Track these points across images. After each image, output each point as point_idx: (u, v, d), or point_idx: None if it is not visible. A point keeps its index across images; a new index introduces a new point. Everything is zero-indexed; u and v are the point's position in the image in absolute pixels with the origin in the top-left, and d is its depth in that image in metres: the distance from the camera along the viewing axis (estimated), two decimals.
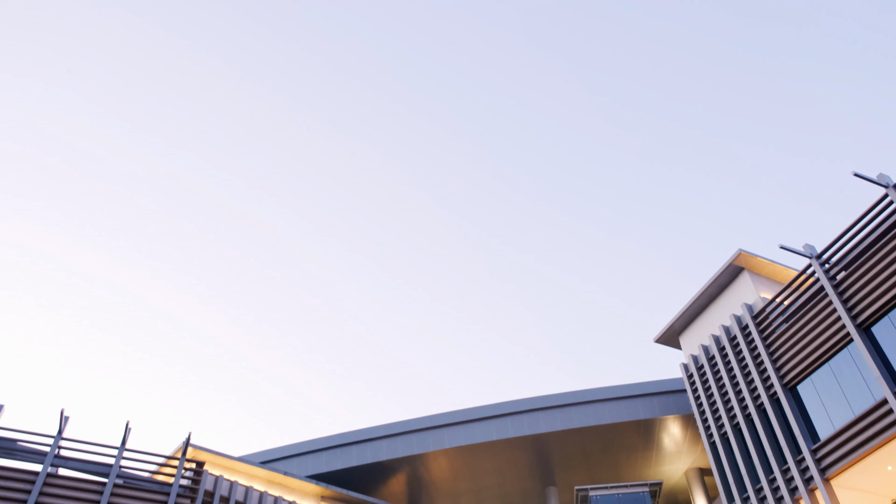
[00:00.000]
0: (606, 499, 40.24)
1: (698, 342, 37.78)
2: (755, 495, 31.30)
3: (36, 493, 27.28)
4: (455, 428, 44.29)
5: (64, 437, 29.49)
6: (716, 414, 35.00)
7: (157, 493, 29.60)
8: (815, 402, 29.83)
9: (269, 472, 38.88)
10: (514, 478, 47.10)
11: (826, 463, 27.99)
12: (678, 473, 46.99)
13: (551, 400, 44.24)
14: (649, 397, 43.26)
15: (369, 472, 44.78)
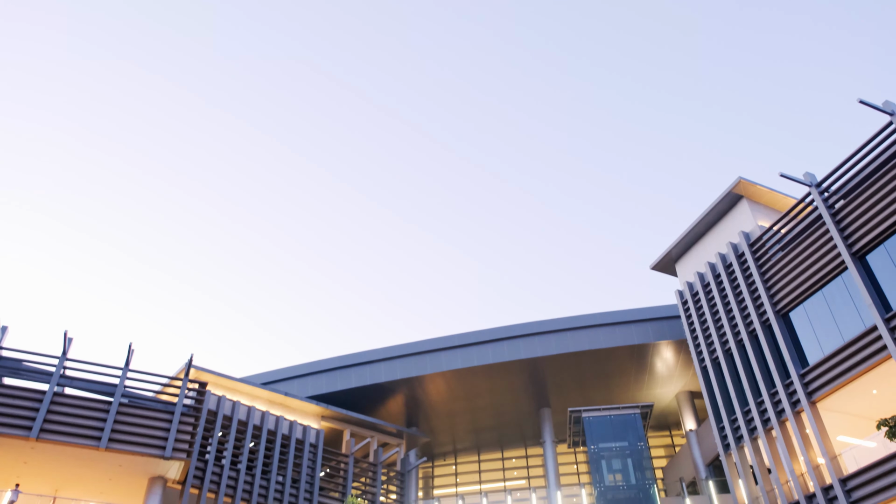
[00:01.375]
0: (599, 420, 41.42)
1: (694, 269, 38.09)
2: (743, 417, 32.26)
3: (43, 412, 28.00)
4: (452, 351, 45.12)
5: (68, 357, 30.06)
6: (708, 339, 35.66)
7: (161, 412, 30.39)
8: (806, 328, 30.36)
9: (271, 392, 39.87)
10: (510, 399, 48.34)
11: (813, 387, 28.74)
12: (669, 396, 48.22)
13: (547, 325, 44.92)
14: (643, 323, 43.92)
15: (368, 394, 45.92)
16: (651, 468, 39.98)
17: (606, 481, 39.06)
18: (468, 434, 52.14)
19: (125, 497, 31.07)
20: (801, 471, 29.01)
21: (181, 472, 30.95)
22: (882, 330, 25.81)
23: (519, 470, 53.39)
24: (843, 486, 26.50)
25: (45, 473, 29.72)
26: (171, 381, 33.00)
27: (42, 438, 27.58)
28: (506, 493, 41.40)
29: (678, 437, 52.56)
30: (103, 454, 28.64)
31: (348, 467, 39.26)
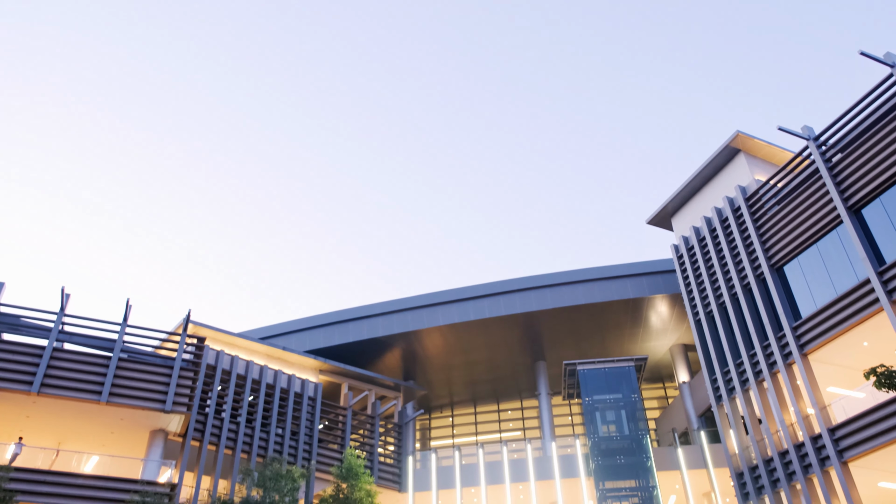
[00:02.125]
0: (593, 372, 41.97)
1: (690, 224, 38.16)
2: (735, 369, 32.75)
3: (44, 367, 28.29)
4: (449, 306, 45.39)
5: (66, 313, 30.21)
6: (703, 293, 35.94)
7: (160, 366, 30.73)
8: (799, 282, 30.59)
9: (269, 347, 40.24)
10: (506, 353, 48.87)
11: (805, 339, 29.11)
12: (663, 349, 48.81)
13: (543, 279, 45.13)
14: (638, 277, 44.14)
15: (366, 348, 46.34)
16: (644, 419, 40.71)
17: (600, 432, 39.81)
18: (464, 387, 52.87)
19: (127, 449, 31.62)
20: (791, 421, 29.58)
21: (182, 425, 31.45)
22: (875, 283, 26.03)
23: (514, 422, 54.32)
24: (831, 435, 27.06)
25: (47, 427, 30.18)
26: (170, 336, 33.24)
27: (43, 393, 27.93)
28: (501, 445, 42.17)
29: (671, 389, 53.40)
30: (104, 408, 29.05)
31: (346, 420, 39.89)
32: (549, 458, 40.32)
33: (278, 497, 26.98)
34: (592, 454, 38.92)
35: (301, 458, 35.98)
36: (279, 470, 27.75)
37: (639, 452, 38.72)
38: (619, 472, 38.42)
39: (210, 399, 34.08)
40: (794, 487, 28.96)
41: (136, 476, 29.35)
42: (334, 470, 31.11)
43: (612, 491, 37.97)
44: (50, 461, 29.80)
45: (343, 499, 29.45)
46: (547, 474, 39.65)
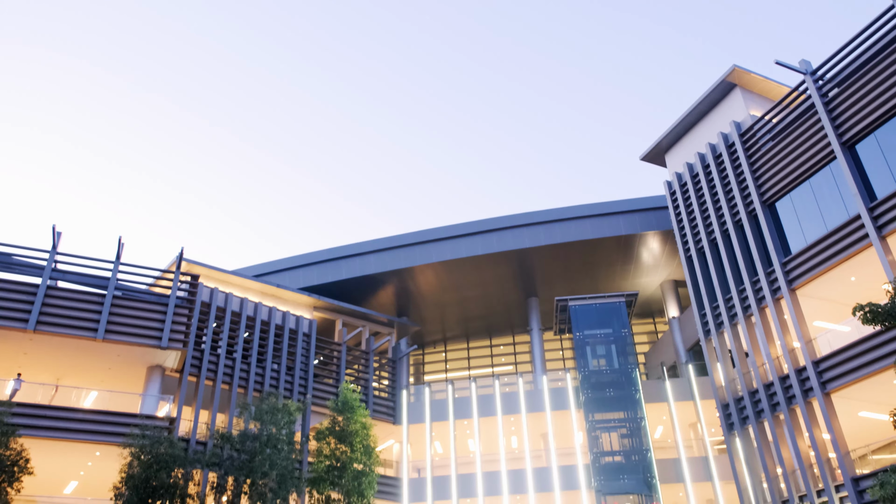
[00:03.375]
0: (584, 308, 42.47)
1: (684, 160, 38.02)
2: (724, 304, 33.23)
3: (39, 304, 28.40)
4: (442, 243, 45.48)
5: (59, 251, 30.14)
6: (694, 229, 36.11)
7: (155, 304, 30.90)
8: (791, 218, 30.75)
9: (263, 284, 40.42)
10: (498, 290, 49.29)
11: (794, 275, 29.47)
12: (653, 285, 49.33)
13: (535, 216, 45.13)
14: (631, 214, 44.18)
15: (360, 285, 46.62)
16: (634, 353, 41.46)
17: (591, 366, 40.57)
18: (457, 323, 53.52)
19: (125, 385, 32.12)
20: (777, 354, 30.23)
21: (178, 361, 31.88)
22: (865, 219, 26.20)
23: (506, 356, 55.28)
24: (815, 367, 27.71)
25: (45, 363, 30.54)
26: (164, 273, 33.32)
27: (39, 330, 28.14)
28: (494, 379, 43.01)
29: (661, 324, 54.25)
30: (101, 345, 29.34)
31: (341, 355, 40.48)
32: (540, 392, 41.22)
33: (275, 430, 27.57)
34: (582, 387, 39.80)
35: (297, 393, 36.66)
36: (276, 404, 28.27)
37: (628, 385, 39.59)
38: (608, 405, 39.37)
39: (205, 335, 34.43)
40: (777, 418, 29.83)
41: (136, 410, 29.91)
42: (330, 403, 31.74)
43: (602, 422, 38.99)
44: (49, 396, 30.28)
45: (339, 431, 30.13)
46: (538, 407, 40.61)
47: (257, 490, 26.14)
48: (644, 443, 37.86)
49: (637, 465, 37.42)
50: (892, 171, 26.26)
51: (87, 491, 31.68)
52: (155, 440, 25.32)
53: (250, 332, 36.74)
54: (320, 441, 30.25)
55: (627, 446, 38.29)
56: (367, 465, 29.79)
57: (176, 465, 25.38)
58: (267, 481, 26.33)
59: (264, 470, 26.04)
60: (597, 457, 37.81)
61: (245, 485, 26.42)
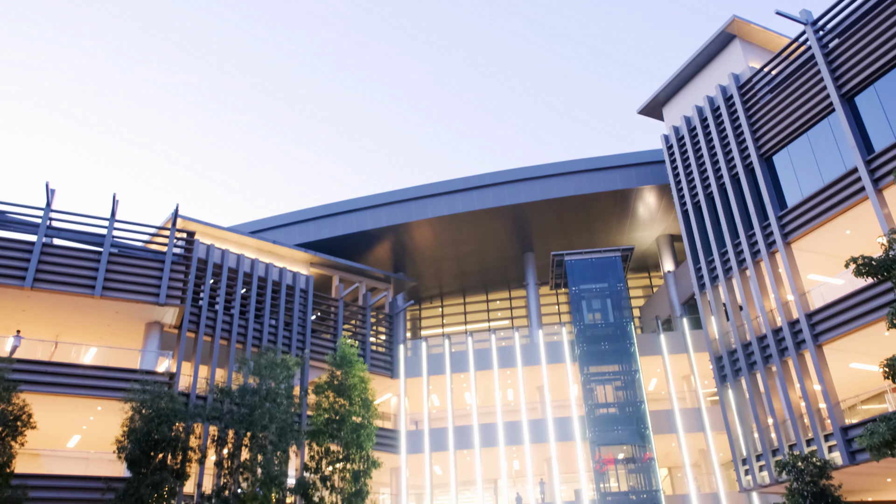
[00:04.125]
0: (580, 263, 42.61)
1: (681, 113, 37.71)
2: (719, 258, 33.38)
3: (35, 262, 28.38)
4: (438, 198, 45.35)
5: (53, 209, 29.99)
6: (691, 183, 36.03)
7: (151, 260, 30.89)
8: (787, 172, 30.68)
9: (259, 241, 40.38)
10: (494, 245, 49.37)
11: (789, 228, 29.55)
12: (649, 240, 49.45)
13: (532, 171, 44.93)
14: (627, 168, 44.02)
15: (356, 241, 46.62)
16: (629, 307, 41.77)
17: (586, 320, 40.90)
18: (454, 278, 53.73)
19: (124, 341, 32.33)
20: (771, 307, 30.51)
21: (177, 317, 32.04)
22: (862, 172, 26.17)
23: (503, 311, 55.67)
24: (808, 320, 28.00)
25: (44, 320, 30.68)
26: (159, 230, 33.25)
27: (37, 287, 28.18)
28: (490, 333, 43.40)
29: (656, 278, 54.55)
30: (99, 302, 29.44)
31: (338, 311, 40.73)
32: (535, 345, 41.66)
33: (274, 384, 27.91)
34: (578, 341, 40.21)
35: (295, 348, 36.99)
36: (274, 359, 28.54)
37: (622, 339, 40.01)
38: (603, 358, 39.85)
39: (203, 292, 34.53)
40: (769, 369, 30.26)
41: (135, 366, 30.18)
42: (328, 358, 32.06)
43: (596, 375, 39.53)
44: (49, 353, 30.50)
45: (337, 385, 30.51)
46: (534, 360, 41.09)
47: (258, 443, 26.59)
48: (638, 395, 38.46)
49: (631, 416, 38.07)
50: (890, 123, 26.12)
51: (89, 444, 32.18)
52: (155, 395, 25.63)
53: (247, 289, 36.86)
54: (319, 395, 30.66)
55: (622, 398, 38.90)
56: (366, 417, 30.26)
57: (177, 418, 25.75)
58: (267, 434, 26.77)
59: (264, 423, 26.45)
60: (591, 409, 38.43)
61: (245, 438, 26.87)
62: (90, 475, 28.03)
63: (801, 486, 24.05)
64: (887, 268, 16.72)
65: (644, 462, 36.80)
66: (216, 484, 27.50)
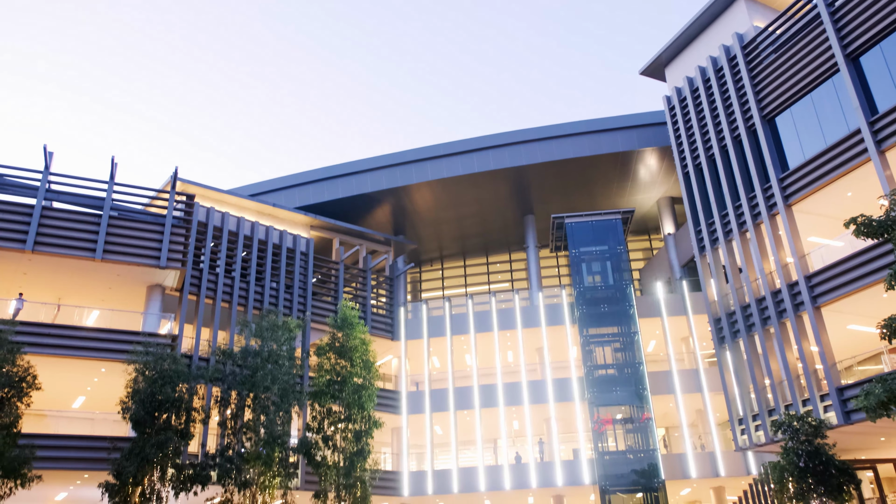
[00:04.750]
0: (580, 225, 42.59)
1: (684, 74, 37.28)
2: (720, 220, 33.35)
3: (35, 225, 28.38)
4: (438, 161, 45.16)
5: (52, 171, 29.87)
6: (693, 145, 35.81)
7: (151, 223, 30.90)
8: (790, 133, 30.46)
9: (259, 204, 40.33)
10: (494, 207, 49.30)
11: (791, 190, 29.46)
12: (650, 202, 49.35)
13: (532, 133, 44.65)
14: (629, 130, 43.74)
15: (356, 203, 46.57)
16: (629, 270, 41.89)
17: (586, 282, 41.04)
18: (454, 241, 53.77)
19: (126, 304, 32.52)
20: (770, 269, 30.59)
21: (178, 280, 32.17)
22: (865, 133, 26.00)
23: (503, 274, 55.84)
24: (807, 282, 28.10)
25: (45, 283, 30.82)
26: (159, 193, 33.17)
27: (38, 251, 28.25)
28: (490, 296, 43.58)
29: (657, 240, 54.58)
30: (100, 265, 29.53)
31: (339, 274, 40.84)
32: (535, 308, 41.87)
33: (276, 346, 28.14)
34: (577, 303, 40.40)
35: (296, 311, 37.20)
36: (276, 321, 28.72)
37: (622, 301, 40.21)
38: (602, 320, 40.11)
39: (203, 255, 34.60)
40: (767, 331, 30.47)
41: (138, 328, 30.38)
42: (329, 320, 32.25)
43: (596, 337, 39.83)
44: (52, 315, 30.69)
45: (339, 347, 30.77)
46: (533, 322, 41.34)
47: (260, 403, 26.93)
48: (637, 356, 38.80)
49: (629, 377, 38.47)
50: (895, 83, 25.84)
51: (94, 405, 32.59)
52: (158, 356, 25.87)
53: (248, 252, 36.92)
54: (320, 356, 30.94)
55: (620, 360, 39.26)
56: (367, 379, 30.58)
57: (180, 380, 26.03)
58: (269, 395, 27.08)
59: (266, 384, 26.74)
60: (590, 370, 38.81)
61: (248, 399, 27.19)
62: (96, 435, 28.44)
63: (796, 445, 24.43)
64: (887, 228, 16.71)
65: (642, 422, 37.30)
66: (220, 444, 27.93)
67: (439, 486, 38.66)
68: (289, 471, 27.64)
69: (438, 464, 40.36)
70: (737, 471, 36.20)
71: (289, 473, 27.62)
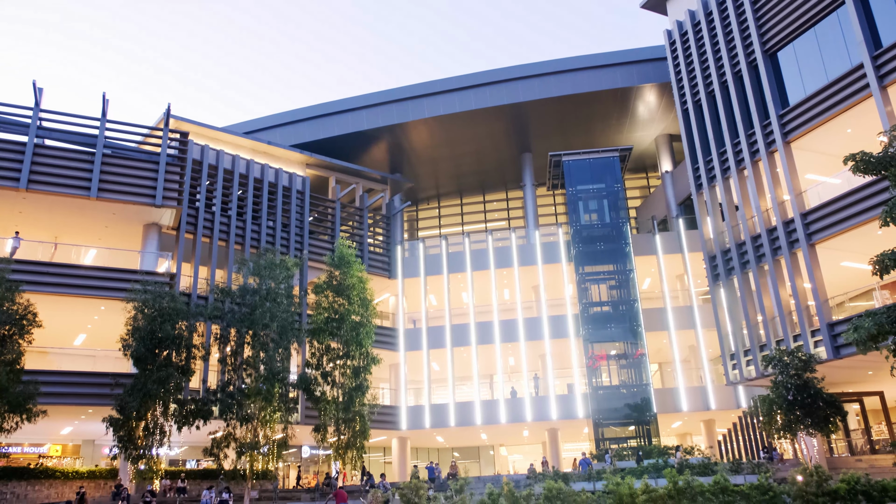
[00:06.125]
0: (578, 163, 42.32)
1: (686, 7, 36.42)
2: (718, 158, 33.16)
3: (28, 163, 28.16)
4: (435, 98, 44.54)
5: (42, 108, 29.43)
6: (693, 81, 35.29)
7: (146, 161, 30.65)
8: (792, 69, 29.98)
9: (254, 141, 39.93)
10: (492, 145, 48.89)
11: (790, 126, 29.20)
12: (648, 140, 48.94)
13: (530, 69, 43.91)
14: (628, 66, 43.02)
15: (352, 141, 46.12)
16: (626, 208, 41.93)
17: (582, 220, 41.06)
18: (451, 179, 53.51)
19: (123, 243, 32.54)
20: (767, 207, 30.59)
21: (174, 218, 32.13)
22: (868, 67, 25.62)
23: (499, 212, 55.79)
24: (803, 219, 28.16)
25: (42, 222, 30.77)
26: (152, 130, 32.78)
27: (32, 189, 28.11)
28: (487, 234, 43.63)
29: (654, 178, 54.36)
30: (95, 203, 29.43)
31: (335, 212, 40.76)
32: (532, 246, 42.02)
33: (274, 284, 28.31)
34: (574, 241, 40.53)
35: (293, 249, 37.26)
36: (273, 260, 28.81)
37: (618, 239, 40.34)
38: (598, 258, 40.33)
39: (199, 193, 34.42)
40: (762, 268, 30.71)
41: (135, 267, 30.48)
42: (327, 259, 32.37)
43: (591, 274, 40.12)
44: (49, 254, 30.75)
45: (336, 285, 30.98)
46: (530, 260, 41.56)
47: (259, 341, 27.28)
48: (632, 294, 39.18)
49: (624, 314, 38.94)
50: None
51: (95, 342, 33.00)
52: (157, 295, 26.08)
53: (243, 190, 36.73)
54: (318, 295, 31.19)
55: (615, 297, 39.65)
56: (365, 316, 30.91)
57: (179, 317, 26.31)
58: (268, 332, 27.41)
59: (265, 322, 27.03)
60: (586, 307, 39.23)
61: (247, 336, 27.53)
62: (98, 371, 28.91)
63: (786, 378, 24.97)
64: (886, 164, 16.65)
65: (636, 358, 37.95)
66: (221, 380, 28.43)
67: (437, 420, 39.59)
68: (289, 406, 28.24)
69: (436, 399, 41.21)
70: (727, 404, 37.07)
71: (289, 408, 28.22)
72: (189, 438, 32.55)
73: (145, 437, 25.40)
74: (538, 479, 27.08)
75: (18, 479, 27.45)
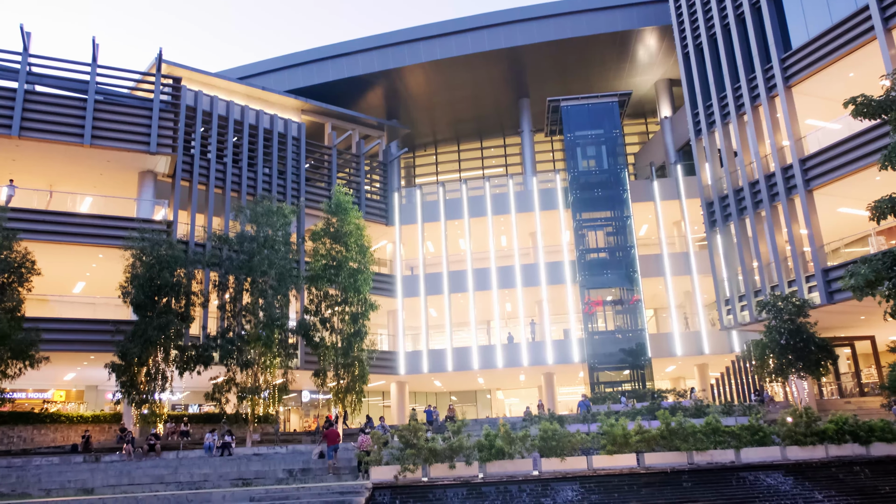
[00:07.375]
0: (576, 109, 41.83)
1: None
2: (718, 103, 32.82)
3: (19, 109, 27.78)
4: (431, 41, 43.73)
5: (31, 53, 28.86)
6: (694, 23, 34.65)
7: (139, 108, 30.24)
8: (795, 11, 29.40)
9: (248, 87, 39.34)
10: (489, 90, 48.24)
11: (792, 71, 28.81)
12: (647, 85, 48.30)
13: (528, 11, 43.00)
14: (628, 8, 42.14)
15: (347, 87, 45.47)
16: (623, 154, 41.61)
17: (580, 167, 40.82)
18: (448, 125, 52.96)
19: (118, 190, 32.37)
20: (766, 152, 30.43)
21: (169, 166, 31.89)
22: (873, 9, 25.14)
23: (497, 159, 55.40)
24: (801, 165, 28.06)
25: (36, 170, 30.54)
26: (144, 76, 32.25)
27: (24, 136, 27.83)
28: (484, 181, 43.42)
29: (653, 124, 53.85)
30: (89, 150, 29.16)
31: (332, 159, 40.47)
32: (529, 192, 41.88)
33: (271, 231, 28.33)
34: (571, 188, 40.40)
35: (290, 197, 37.11)
36: (270, 206, 28.76)
37: (616, 185, 40.20)
38: (595, 204, 40.26)
39: (194, 140, 34.08)
40: (759, 214, 30.74)
41: (132, 215, 30.40)
42: (324, 206, 32.29)
43: (589, 221, 40.13)
44: (45, 202, 30.61)
45: (334, 232, 30.99)
46: (527, 207, 41.49)
47: (258, 287, 27.45)
48: (628, 240, 39.28)
49: (621, 260, 39.11)
50: None
51: (94, 290, 33.15)
52: (154, 242, 26.09)
53: (239, 137, 36.36)
54: (316, 241, 31.23)
55: (612, 243, 39.76)
56: (362, 263, 31.02)
57: (177, 265, 26.39)
58: (267, 279, 27.56)
59: (263, 269, 27.15)
60: (582, 253, 39.38)
61: (246, 283, 27.69)
62: (99, 318, 29.12)
63: (780, 323, 25.28)
64: (887, 108, 16.51)
65: (631, 304, 38.28)
66: (220, 326, 28.70)
67: (434, 365, 40.15)
68: (288, 351, 28.59)
69: (433, 344, 41.68)
70: (720, 349, 37.60)
71: (289, 354, 28.58)
72: (191, 384, 33.05)
73: (147, 382, 25.79)
74: (534, 421, 27.63)
75: (25, 424, 27.99)
